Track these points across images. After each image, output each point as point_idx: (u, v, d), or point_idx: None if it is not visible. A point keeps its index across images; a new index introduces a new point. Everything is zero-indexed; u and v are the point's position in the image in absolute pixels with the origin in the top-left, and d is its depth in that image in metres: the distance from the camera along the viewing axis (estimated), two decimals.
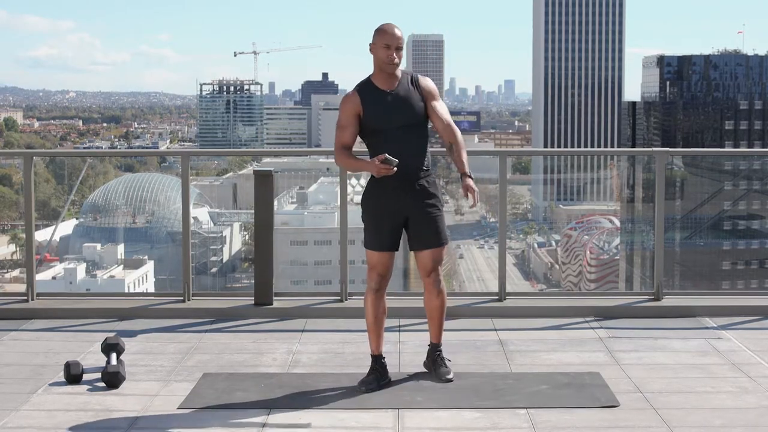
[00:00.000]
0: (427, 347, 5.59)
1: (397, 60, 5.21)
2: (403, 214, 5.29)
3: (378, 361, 5.42)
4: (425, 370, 5.57)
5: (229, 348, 6.15)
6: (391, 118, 5.22)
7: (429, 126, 5.39)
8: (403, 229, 5.35)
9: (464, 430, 4.62)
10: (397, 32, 5.21)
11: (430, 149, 5.37)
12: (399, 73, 5.29)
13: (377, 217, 5.30)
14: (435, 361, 5.50)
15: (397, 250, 5.39)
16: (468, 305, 7.07)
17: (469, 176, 5.22)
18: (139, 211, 49.89)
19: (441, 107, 5.34)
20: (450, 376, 5.40)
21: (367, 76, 5.36)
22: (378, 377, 5.34)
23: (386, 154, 5.07)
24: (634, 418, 4.76)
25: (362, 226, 5.42)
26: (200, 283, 40.95)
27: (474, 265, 71.23)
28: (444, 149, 5.46)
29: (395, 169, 5.06)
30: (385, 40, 5.20)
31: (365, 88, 5.28)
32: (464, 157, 5.28)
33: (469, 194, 5.16)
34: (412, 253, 5.67)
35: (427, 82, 5.36)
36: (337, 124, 5.30)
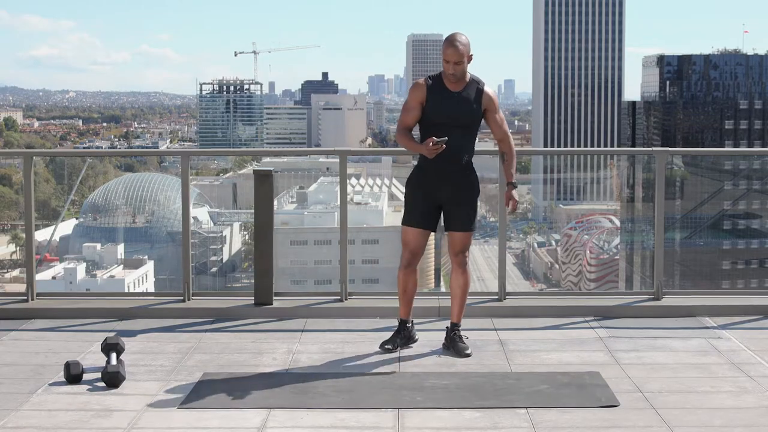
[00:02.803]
0: (446, 328, 6.04)
1: (453, 73, 5.71)
2: (437, 201, 5.89)
3: (403, 324, 6.05)
4: (445, 351, 5.94)
5: (229, 348, 6.15)
6: (448, 116, 5.76)
7: (478, 130, 5.99)
8: (438, 214, 5.95)
9: (464, 430, 4.63)
10: (452, 50, 5.67)
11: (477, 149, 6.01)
12: (468, 77, 5.81)
13: (413, 197, 5.93)
14: (453, 338, 5.96)
15: (429, 230, 5.97)
16: (468, 305, 7.03)
17: (514, 186, 5.96)
18: (139, 210, 49.87)
19: (500, 119, 5.95)
20: (468, 351, 5.87)
21: (441, 71, 5.83)
22: (400, 340, 5.98)
23: (434, 137, 5.62)
24: (634, 418, 4.76)
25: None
26: (200, 283, 40.84)
27: (474, 265, 71.10)
28: (497, 152, 6.21)
29: (444, 146, 5.61)
30: (444, 56, 5.73)
31: (435, 82, 5.82)
32: (513, 167, 6.03)
33: (510, 203, 5.93)
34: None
35: (489, 94, 5.87)
36: (404, 106, 5.87)
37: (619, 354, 5.94)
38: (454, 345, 5.92)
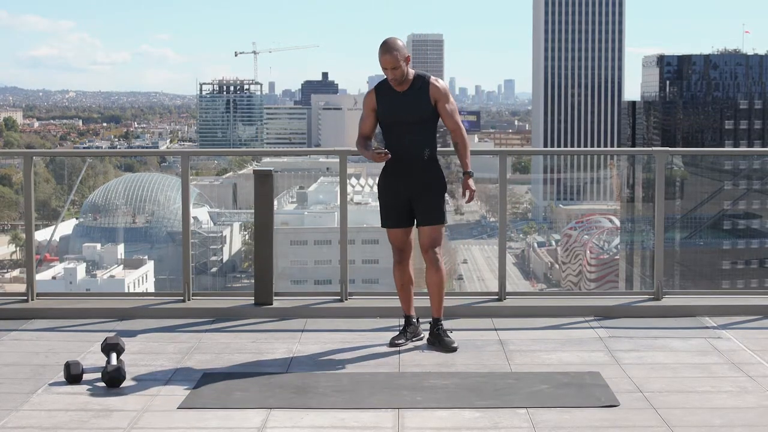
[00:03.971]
0: (429, 324, 6.07)
1: (393, 78, 5.86)
2: (405, 197, 5.97)
3: (409, 320, 6.15)
4: (430, 346, 5.98)
5: (229, 348, 6.15)
6: (398, 116, 5.91)
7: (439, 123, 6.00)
8: (410, 210, 5.99)
9: (464, 429, 4.62)
10: (386, 57, 5.80)
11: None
12: (411, 76, 5.91)
13: (383, 198, 6.08)
14: (438, 334, 6.00)
15: (406, 227, 6.05)
16: (468, 305, 7.06)
17: (470, 175, 5.82)
18: (139, 210, 49.91)
19: (449, 109, 5.94)
20: (455, 345, 5.92)
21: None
22: (409, 334, 6.08)
23: (378, 146, 5.91)
24: (634, 418, 4.75)
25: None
26: (200, 283, 40.90)
27: (474, 265, 71.23)
28: (452, 149, 6.09)
29: (389, 155, 5.81)
30: (381, 64, 5.85)
31: (382, 87, 6.00)
32: (467, 156, 5.96)
33: (467, 192, 5.81)
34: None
35: (436, 87, 5.93)
36: (360, 116, 6.09)
37: (619, 354, 5.94)
38: (440, 341, 5.96)
